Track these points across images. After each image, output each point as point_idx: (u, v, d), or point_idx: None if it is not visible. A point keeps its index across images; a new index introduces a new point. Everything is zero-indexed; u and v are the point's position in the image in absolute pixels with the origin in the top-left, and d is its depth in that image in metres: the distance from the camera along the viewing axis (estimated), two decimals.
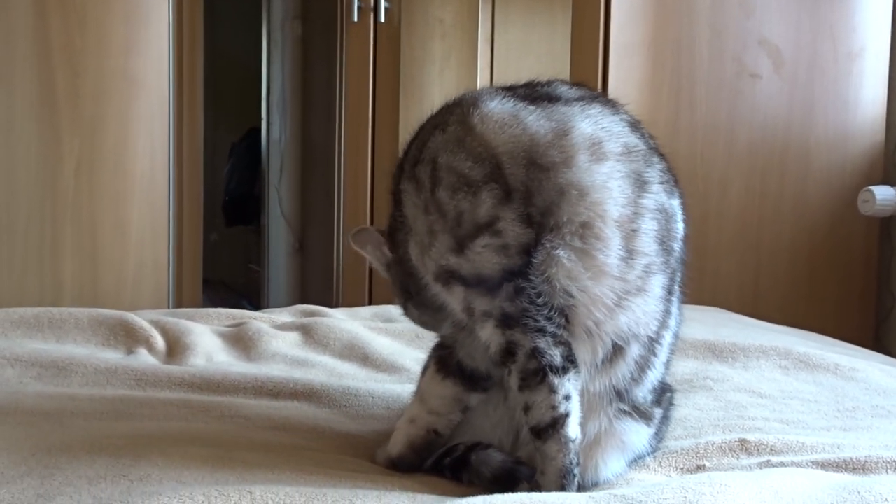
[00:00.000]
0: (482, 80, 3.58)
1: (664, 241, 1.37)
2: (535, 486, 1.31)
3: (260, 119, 4.85)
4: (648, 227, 1.35)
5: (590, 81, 3.10)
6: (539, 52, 3.59)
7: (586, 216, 1.30)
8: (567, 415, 1.30)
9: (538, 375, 1.29)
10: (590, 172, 1.31)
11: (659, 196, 1.37)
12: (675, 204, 1.41)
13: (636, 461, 1.43)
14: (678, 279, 1.44)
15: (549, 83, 1.43)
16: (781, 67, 3.26)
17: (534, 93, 1.39)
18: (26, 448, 1.37)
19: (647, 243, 1.34)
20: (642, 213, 1.34)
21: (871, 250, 3.34)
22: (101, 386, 1.76)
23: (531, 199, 1.30)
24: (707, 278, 3.11)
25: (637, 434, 1.41)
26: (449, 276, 1.33)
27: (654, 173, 1.38)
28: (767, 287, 3.27)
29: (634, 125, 1.42)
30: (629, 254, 1.33)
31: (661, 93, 3.18)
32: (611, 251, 1.31)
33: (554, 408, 1.29)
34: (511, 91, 1.39)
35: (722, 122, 3.23)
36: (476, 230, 1.30)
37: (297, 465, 1.36)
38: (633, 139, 1.38)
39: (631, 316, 1.34)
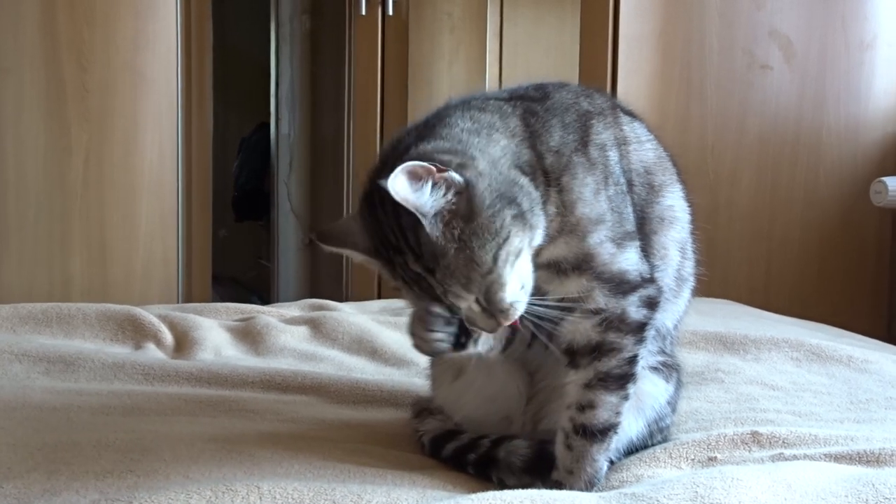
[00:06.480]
0: (491, 75, 3.56)
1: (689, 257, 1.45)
2: (554, 485, 1.31)
3: (269, 114, 4.84)
4: (691, 248, 1.44)
5: (599, 74, 3.09)
6: (548, 46, 3.57)
7: (665, 241, 1.38)
8: (620, 423, 1.32)
9: (622, 380, 1.30)
10: (679, 199, 1.41)
11: (690, 222, 1.45)
12: None
13: (657, 424, 1.44)
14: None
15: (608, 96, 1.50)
16: (792, 58, 3.23)
17: (626, 107, 1.44)
18: (33, 443, 1.36)
19: (689, 267, 1.44)
20: (689, 238, 1.44)
21: (883, 241, 3.32)
22: (108, 381, 1.76)
23: (643, 224, 1.34)
24: (717, 270, 3.09)
25: (655, 386, 1.41)
26: (583, 264, 1.28)
27: (690, 198, 1.45)
28: (778, 279, 3.25)
29: None
30: (679, 278, 1.41)
31: (670, 85, 3.16)
32: (669, 273, 1.38)
33: (619, 413, 1.31)
34: (620, 104, 1.44)
35: (732, 113, 3.21)
36: (632, 232, 1.31)
37: (305, 459, 1.36)
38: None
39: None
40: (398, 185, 1.14)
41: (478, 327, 1.23)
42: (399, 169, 1.14)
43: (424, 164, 1.16)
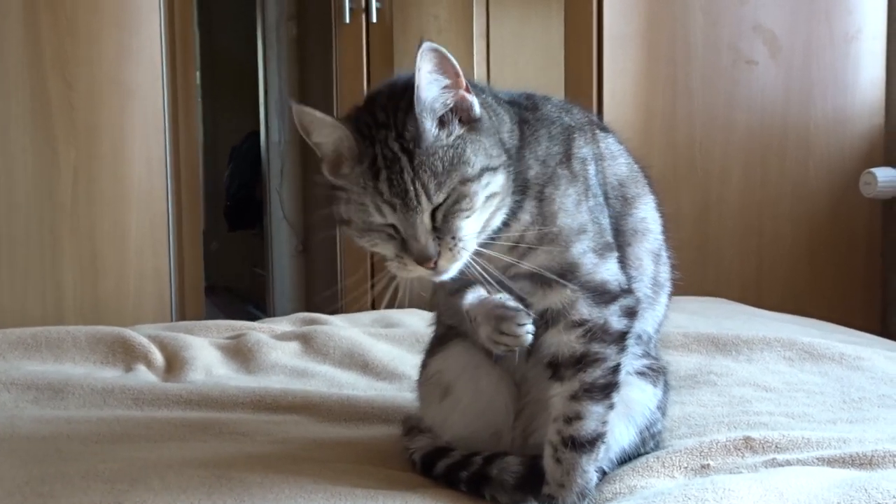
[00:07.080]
0: (478, 75, 3.55)
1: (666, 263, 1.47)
2: (546, 499, 1.30)
3: (259, 122, 4.83)
4: (666, 255, 1.47)
5: (584, 74, 3.09)
6: (534, 47, 3.56)
7: (639, 252, 1.40)
8: (607, 433, 1.32)
9: (607, 389, 1.30)
10: (651, 210, 1.43)
11: (662, 232, 1.47)
12: None
13: (648, 431, 1.43)
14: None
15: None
16: (777, 53, 3.23)
17: (600, 122, 1.48)
18: (20, 476, 1.35)
19: (665, 273, 1.46)
20: (662, 245, 1.46)
21: (874, 233, 3.31)
22: (98, 407, 1.75)
23: (617, 237, 1.35)
24: (709, 267, 3.08)
25: (643, 392, 1.41)
26: (567, 274, 1.28)
27: (661, 208, 1.47)
28: (770, 274, 3.24)
29: None
30: (655, 285, 1.43)
31: (656, 83, 3.15)
32: (644, 282, 1.40)
33: (605, 423, 1.31)
34: (595, 120, 1.47)
35: (719, 110, 3.21)
36: (611, 243, 1.33)
37: (296, 482, 1.35)
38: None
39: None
40: (428, 55, 1.17)
41: (409, 255, 1.19)
42: (439, 46, 1.17)
43: (461, 75, 1.19)
